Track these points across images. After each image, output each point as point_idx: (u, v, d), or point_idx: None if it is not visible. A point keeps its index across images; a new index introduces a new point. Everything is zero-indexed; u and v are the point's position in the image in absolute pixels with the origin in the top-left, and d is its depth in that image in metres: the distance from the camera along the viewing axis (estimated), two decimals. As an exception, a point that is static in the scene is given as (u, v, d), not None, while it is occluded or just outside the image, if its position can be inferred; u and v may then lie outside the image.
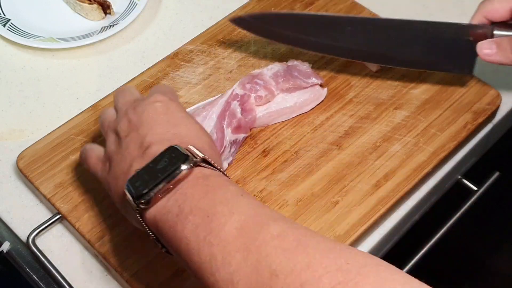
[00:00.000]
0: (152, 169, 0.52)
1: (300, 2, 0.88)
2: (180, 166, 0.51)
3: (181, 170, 0.51)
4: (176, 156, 0.52)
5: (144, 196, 0.51)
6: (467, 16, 0.90)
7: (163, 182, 0.51)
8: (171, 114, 0.58)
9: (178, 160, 0.52)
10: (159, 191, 0.51)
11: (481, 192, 0.82)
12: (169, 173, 0.51)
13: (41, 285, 0.68)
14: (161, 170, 0.52)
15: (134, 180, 0.53)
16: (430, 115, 0.77)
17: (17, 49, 0.87)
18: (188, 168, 0.52)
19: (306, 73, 0.77)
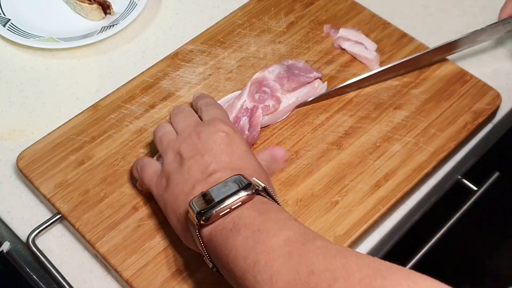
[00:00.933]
0: (216, 193, 0.56)
1: (300, 2, 0.88)
2: (241, 191, 0.55)
3: (245, 194, 0.55)
4: (240, 182, 0.56)
5: (206, 214, 0.54)
6: (467, 16, 0.91)
7: (226, 202, 0.54)
8: (235, 147, 0.62)
9: (242, 186, 0.55)
10: (220, 210, 0.54)
11: (481, 192, 0.82)
12: (232, 195, 0.55)
13: (41, 285, 0.68)
14: (225, 192, 0.55)
15: (198, 199, 0.56)
16: (430, 115, 0.77)
17: (17, 49, 0.87)
18: (250, 194, 0.55)
19: (306, 69, 0.77)
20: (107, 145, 0.74)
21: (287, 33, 0.85)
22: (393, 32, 0.85)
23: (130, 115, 0.77)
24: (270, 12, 0.87)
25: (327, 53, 0.83)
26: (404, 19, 0.88)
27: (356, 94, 0.79)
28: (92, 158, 0.73)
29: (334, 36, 0.84)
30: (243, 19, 0.86)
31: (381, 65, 0.81)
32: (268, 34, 0.84)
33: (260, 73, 0.76)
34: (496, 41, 0.87)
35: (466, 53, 0.83)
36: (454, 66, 0.81)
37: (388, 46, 0.83)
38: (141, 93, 0.79)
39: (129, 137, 0.75)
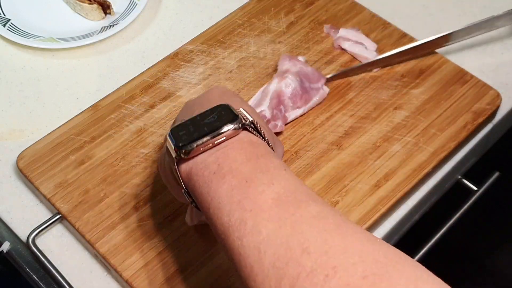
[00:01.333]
0: (198, 122, 0.51)
1: (300, 2, 0.88)
2: (227, 124, 0.50)
3: (228, 128, 0.50)
4: (225, 114, 0.51)
5: (185, 147, 0.50)
6: (467, 16, 0.91)
7: (207, 136, 0.50)
8: (228, 94, 0.58)
9: (227, 118, 0.51)
10: (201, 144, 0.50)
11: (481, 192, 0.82)
12: (215, 129, 0.50)
13: (41, 285, 0.68)
14: (207, 124, 0.51)
15: (178, 129, 0.52)
16: (430, 115, 0.77)
17: (17, 49, 0.87)
18: (235, 128, 0.50)
19: (313, 77, 0.77)
20: (107, 145, 0.74)
21: (287, 33, 0.85)
22: (393, 32, 0.85)
23: (130, 115, 0.77)
24: (270, 12, 0.87)
25: (327, 53, 0.83)
26: (404, 19, 0.88)
27: (356, 94, 0.79)
28: (92, 158, 0.73)
29: (334, 36, 0.84)
30: (243, 19, 0.86)
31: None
32: (268, 34, 0.84)
33: (278, 84, 0.75)
34: (496, 41, 0.87)
35: (466, 53, 0.83)
36: (454, 66, 0.81)
37: (388, 46, 0.83)
38: (141, 93, 0.79)
39: (129, 137, 0.75)
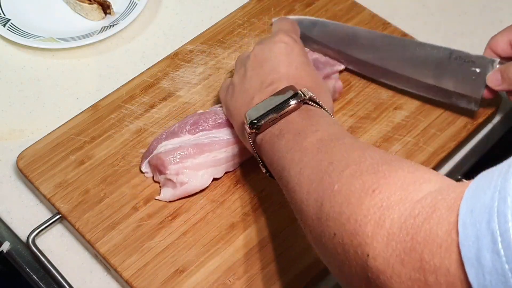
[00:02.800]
0: (267, 104, 0.61)
1: (300, 2, 0.88)
2: (289, 101, 0.60)
3: (290, 104, 0.60)
4: (288, 94, 0.61)
5: (256, 123, 0.60)
6: (467, 16, 0.91)
7: (273, 113, 0.60)
8: (294, 57, 0.66)
9: (289, 96, 0.60)
10: (268, 120, 0.60)
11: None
12: (278, 106, 0.60)
13: (41, 285, 0.68)
14: (273, 104, 0.60)
15: (251, 111, 0.61)
16: (430, 115, 0.77)
17: (17, 49, 0.87)
18: (296, 103, 0.60)
19: (328, 63, 0.78)
20: (107, 145, 0.74)
21: (287, 33, 0.84)
22: (393, 32, 0.84)
23: (130, 115, 0.77)
24: (270, 12, 0.87)
25: (327, 53, 0.83)
26: (404, 19, 0.88)
27: (356, 94, 0.79)
28: (92, 158, 0.73)
29: (334, 36, 0.84)
30: (243, 19, 0.86)
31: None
32: (268, 34, 0.84)
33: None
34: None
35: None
36: (454, 66, 0.81)
37: (388, 46, 0.83)
38: (141, 93, 0.79)
39: (129, 137, 0.75)
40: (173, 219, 0.69)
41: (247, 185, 0.71)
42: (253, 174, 0.72)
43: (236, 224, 0.68)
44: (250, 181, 0.71)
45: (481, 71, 0.72)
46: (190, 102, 0.78)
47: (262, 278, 0.65)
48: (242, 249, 0.67)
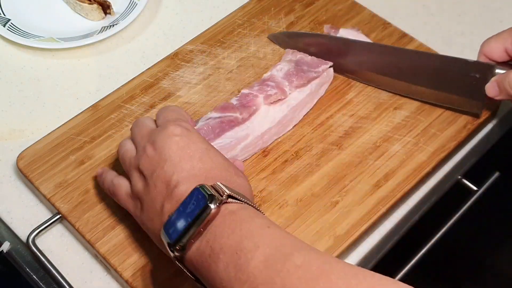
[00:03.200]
0: (182, 214, 0.54)
1: (300, 2, 0.88)
2: (207, 208, 0.53)
3: (209, 211, 0.53)
4: (202, 197, 0.53)
5: (178, 243, 0.53)
6: (467, 15, 0.91)
7: (194, 227, 0.53)
8: (193, 147, 0.59)
9: (205, 201, 0.53)
10: (191, 237, 0.53)
11: (481, 192, 0.82)
12: (197, 217, 0.53)
13: (41, 285, 0.68)
14: (190, 214, 0.53)
15: (167, 227, 0.54)
16: (430, 115, 0.77)
17: (17, 49, 0.87)
18: (215, 208, 0.53)
19: (313, 64, 0.77)
20: (107, 145, 0.74)
21: (287, 33, 0.85)
22: (393, 32, 0.84)
23: (130, 115, 0.77)
24: (270, 12, 0.87)
25: (327, 53, 0.83)
26: (404, 19, 0.88)
27: (356, 94, 0.79)
28: (92, 158, 0.73)
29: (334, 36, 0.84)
30: (243, 19, 0.86)
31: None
32: (268, 34, 0.84)
33: (268, 73, 0.76)
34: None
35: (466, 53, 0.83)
36: (454, 66, 0.81)
37: (388, 46, 0.83)
38: (141, 93, 0.79)
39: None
40: (173, 219, 0.69)
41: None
42: (253, 174, 0.72)
43: (236, 224, 0.68)
44: (250, 181, 0.71)
45: (480, 77, 0.72)
46: (190, 102, 0.78)
47: (262, 278, 0.65)
48: (242, 249, 0.67)
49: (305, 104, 0.76)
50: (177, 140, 0.59)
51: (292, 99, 0.75)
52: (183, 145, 0.59)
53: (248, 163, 0.73)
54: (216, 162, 0.59)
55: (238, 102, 0.73)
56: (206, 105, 0.77)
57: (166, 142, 0.59)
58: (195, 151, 0.59)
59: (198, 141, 0.60)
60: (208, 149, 0.60)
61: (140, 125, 0.65)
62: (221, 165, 0.59)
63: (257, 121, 0.73)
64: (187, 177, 0.57)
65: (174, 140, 0.59)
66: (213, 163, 0.59)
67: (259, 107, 0.73)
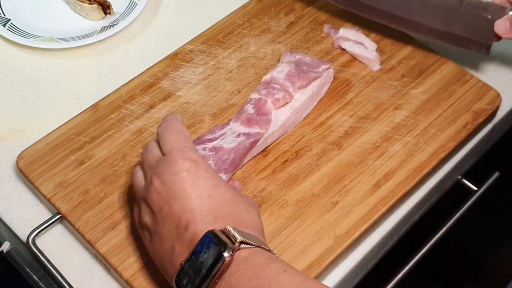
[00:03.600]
0: (194, 264, 0.53)
1: (300, 2, 0.88)
2: (221, 257, 0.52)
3: (223, 261, 0.52)
4: (214, 245, 0.53)
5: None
6: (467, 16, 0.90)
7: (208, 279, 0.52)
8: (202, 184, 0.57)
9: (219, 250, 0.52)
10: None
11: (481, 192, 0.82)
12: (211, 267, 0.52)
13: (41, 285, 0.68)
14: (203, 264, 0.53)
15: (181, 278, 0.54)
16: (430, 115, 0.77)
17: (17, 49, 0.87)
18: (229, 256, 0.52)
19: (313, 64, 0.77)
20: (107, 145, 0.74)
21: (287, 33, 0.85)
22: (393, 32, 0.84)
23: (130, 115, 0.77)
24: (270, 12, 0.87)
25: (327, 53, 0.83)
26: (404, 19, 0.88)
27: (356, 94, 0.79)
28: (92, 158, 0.73)
29: (334, 36, 0.84)
30: (243, 19, 0.86)
31: (381, 65, 0.81)
32: (268, 34, 0.84)
33: (268, 75, 0.76)
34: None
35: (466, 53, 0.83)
36: (454, 66, 0.81)
37: (388, 46, 0.83)
38: (141, 93, 0.79)
39: (129, 137, 0.75)
40: (173, 219, 0.69)
41: (247, 185, 0.71)
42: (253, 174, 0.72)
43: (236, 224, 0.68)
44: (250, 181, 0.71)
45: (492, 18, 0.73)
46: (190, 102, 0.78)
47: (262, 278, 0.65)
48: (242, 249, 0.67)
49: (307, 106, 0.76)
50: (185, 176, 0.57)
51: (295, 100, 0.75)
52: (192, 181, 0.57)
53: (248, 163, 0.73)
54: (225, 199, 0.57)
55: (255, 110, 0.72)
56: (206, 105, 0.77)
57: (173, 178, 0.57)
58: (204, 188, 0.57)
59: (207, 176, 0.58)
60: (217, 185, 0.58)
61: (147, 152, 0.62)
62: (231, 202, 0.57)
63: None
64: (196, 218, 0.55)
65: (182, 176, 0.57)
66: (222, 201, 0.57)
67: (271, 113, 0.73)
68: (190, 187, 0.56)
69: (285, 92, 0.73)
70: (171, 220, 0.56)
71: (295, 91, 0.74)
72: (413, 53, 0.82)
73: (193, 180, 0.57)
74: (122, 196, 0.70)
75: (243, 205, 0.58)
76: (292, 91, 0.74)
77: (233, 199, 0.58)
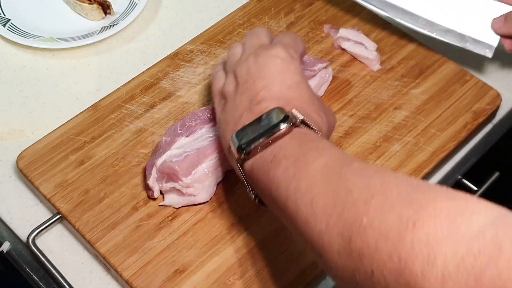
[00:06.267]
0: (255, 126, 0.57)
1: (300, 2, 0.88)
2: (279, 125, 0.56)
3: (280, 129, 0.55)
4: (277, 117, 0.56)
5: (245, 149, 0.56)
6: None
7: (263, 138, 0.56)
8: (288, 75, 0.61)
9: (279, 119, 0.56)
10: (258, 145, 0.56)
11: (481, 192, 0.82)
12: (268, 130, 0.56)
13: (41, 285, 0.68)
14: (263, 127, 0.56)
15: (239, 134, 0.58)
16: (430, 115, 0.77)
17: (17, 49, 0.87)
18: (287, 127, 0.56)
19: (310, 63, 0.77)
20: (107, 145, 0.74)
21: (287, 33, 0.85)
22: (393, 32, 0.85)
23: (130, 115, 0.77)
24: (270, 12, 0.87)
25: (327, 53, 0.83)
26: (404, 19, 0.88)
27: (356, 94, 0.79)
28: (92, 158, 0.73)
29: (334, 36, 0.84)
30: (243, 19, 0.86)
31: (381, 65, 0.81)
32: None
33: None
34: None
35: (466, 53, 0.83)
36: (454, 66, 0.81)
37: (388, 46, 0.83)
38: (141, 93, 0.79)
39: (129, 137, 0.75)
40: (173, 219, 0.69)
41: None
42: (253, 174, 0.72)
43: (236, 224, 0.68)
44: (250, 181, 0.71)
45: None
46: (190, 102, 0.78)
47: (262, 278, 0.65)
48: (242, 249, 0.67)
49: None
50: (277, 63, 0.62)
51: None
52: (281, 69, 0.61)
53: (248, 163, 0.73)
54: (303, 95, 0.61)
55: None
56: (206, 105, 0.77)
57: (268, 60, 0.62)
58: (288, 78, 0.61)
59: (296, 71, 0.62)
60: (300, 82, 0.62)
61: (255, 35, 0.67)
62: (306, 99, 0.61)
63: None
64: (271, 97, 0.59)
65: (276, 61, 0.62)
66: (299, 95, 0.61)
67: None
68: (278, 73, 0.61)
69: None
70: (249, 93, 0.61)
71: None
72: (413, 53, 0.82)
73: (283, 68, 0.62)
74: (122, 196, 0.70)
75: (315, 106, 0.61)
76: None
77: (309, 99, 0.61)
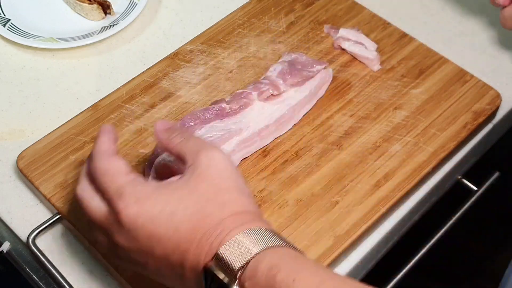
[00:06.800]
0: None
1: (300, 2, 0.88)
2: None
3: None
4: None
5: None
6: (467, 16, 0.91)
7: None
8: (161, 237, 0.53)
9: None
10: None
11: (481, 192, 0.82)
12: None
13: (41, 285, 0.68)
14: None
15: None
16: (430, 115, 0.77)
17: (17, 49, 0.87)
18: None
19: (308, 63, 0.77)
20: (107, 145, 0.74)
21: (287, 33, 0.85)
22: (393, 32, 0.85)
23: (130, 115, 0.77)
24: (270, 12, 0.87)
25: (327, 53, 0.83)
26: (404, 19, 0.88)
27: (356, 94, 0.79)
28: (92, 158, 0.73)
29: (334, 36, 0.84)
30: (243, 19, 0.86)
31: (381, 65, 0.81)
32: (268, 34, 0.84)
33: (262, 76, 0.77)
34: (496, 41, 0.87)
35: (466, 53, 0.83)
36: (454, 66, 0.81)
37: (388, 46, 0.83)
38: (141, 93, 0.79)
39: (129, 137, 0.75)
40: (173, 219, 0.68)
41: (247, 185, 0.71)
42: (253, 174, 0.72)
43: (236, 224, 0.68)
44: (250, 181, 0.71)
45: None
46: (190, 102, 0.78)
47: (262, 278, 0.65)
48: (242, 249, 0.67)
49: (304, 104, 0.76)
50: (139, 234, 0.54)
51: (291, 98, 0.75)
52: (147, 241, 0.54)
53: (248, 163, 0.73)
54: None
55: (230, 98, 0.74)
56: (206, 105, 0.77)
57: (133, 234, 0.54)
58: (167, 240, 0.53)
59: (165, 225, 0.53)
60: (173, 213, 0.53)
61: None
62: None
63: (251, 116, 0.73)
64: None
65: (136, 233, 0.54)
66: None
67: (252, 102, 0.73)
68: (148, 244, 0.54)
69: (271, 86, 0.74)
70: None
71: (287, 87, 0.75)
72: (413, 53, 0.82)
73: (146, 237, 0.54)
74: (122, 196, 0.70)
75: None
76: (283, 87, 0.75)
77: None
